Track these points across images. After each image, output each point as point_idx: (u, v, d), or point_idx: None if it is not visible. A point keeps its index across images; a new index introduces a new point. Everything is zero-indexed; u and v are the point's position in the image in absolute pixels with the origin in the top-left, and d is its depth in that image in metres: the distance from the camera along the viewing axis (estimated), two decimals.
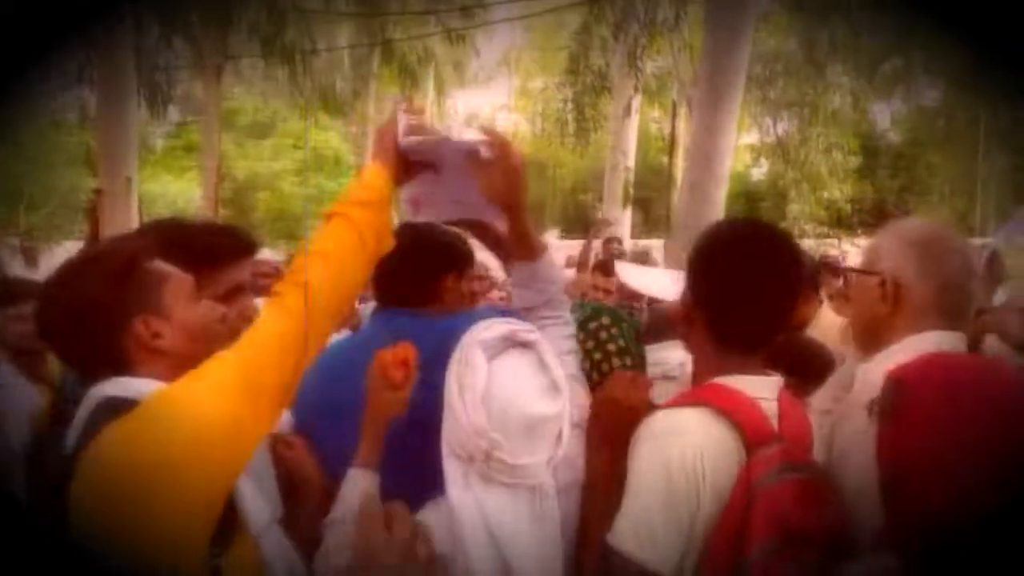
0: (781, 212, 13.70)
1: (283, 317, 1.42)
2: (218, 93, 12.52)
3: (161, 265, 1.46)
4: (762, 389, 1.54)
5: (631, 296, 3.84)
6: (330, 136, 24.67)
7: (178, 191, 25.19)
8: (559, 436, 1.44)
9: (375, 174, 1.64)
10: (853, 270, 1.77)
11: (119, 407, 1.29)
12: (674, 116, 11.90)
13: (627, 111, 11.24)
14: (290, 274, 1.48)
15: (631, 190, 11.58)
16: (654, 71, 12.57)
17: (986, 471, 1.20)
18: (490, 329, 1.47)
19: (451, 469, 1.42)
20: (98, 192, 6.93)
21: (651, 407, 1.58)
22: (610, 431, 1.59)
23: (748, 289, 1.52)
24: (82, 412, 1.35)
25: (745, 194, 20.71)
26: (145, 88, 10.65)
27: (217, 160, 12.33)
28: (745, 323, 1.55)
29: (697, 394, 1.53)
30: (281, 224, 23.69)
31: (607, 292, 4.76)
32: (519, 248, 1.75)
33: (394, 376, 1.58)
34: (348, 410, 1.67)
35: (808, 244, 13.37)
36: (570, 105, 10.72)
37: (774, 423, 1.50)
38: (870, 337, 1.67)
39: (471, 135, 1.63)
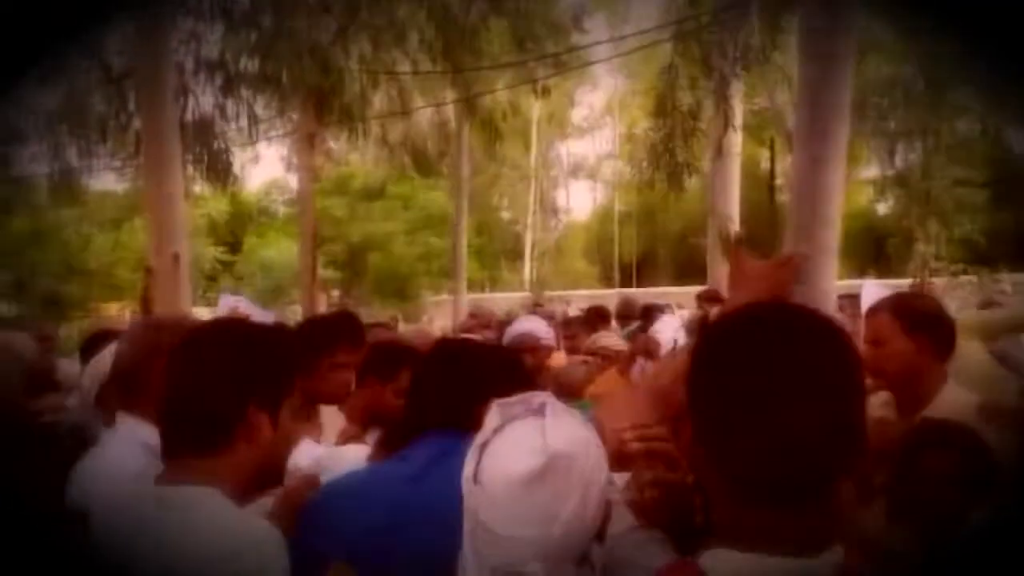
0: (908, 250, 12.54)
1: None
2: (311, 160, 12.80)
3: None
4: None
5: None
6: (438, 195, 25.10)
7: (295, 256, 26.28)
8: (562, 526, 1.09)
9: None
10: None
11: None
12: (773, 154, 11.10)
13: (719, 151, 10.53)
14: None
15: (731, 235, 10.79)
16: (752, 107, 11.87)
17: None
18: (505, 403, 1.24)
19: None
20: (148, 270, 6.98)
21: None
22: None
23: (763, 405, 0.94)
24: None
25: (868, 230, 19.36)
26: (205, 159, 10.95)
27: (313, 225, 12.53)
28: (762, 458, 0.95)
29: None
30: (391, 283, 24.21)
31: None
32: None
33: None
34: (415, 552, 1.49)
35: (940, 283, 12.12)
36: (662, 149, 10.17)
37: None
38: None
39: None
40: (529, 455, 1.11)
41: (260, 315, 4.29)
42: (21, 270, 18.98)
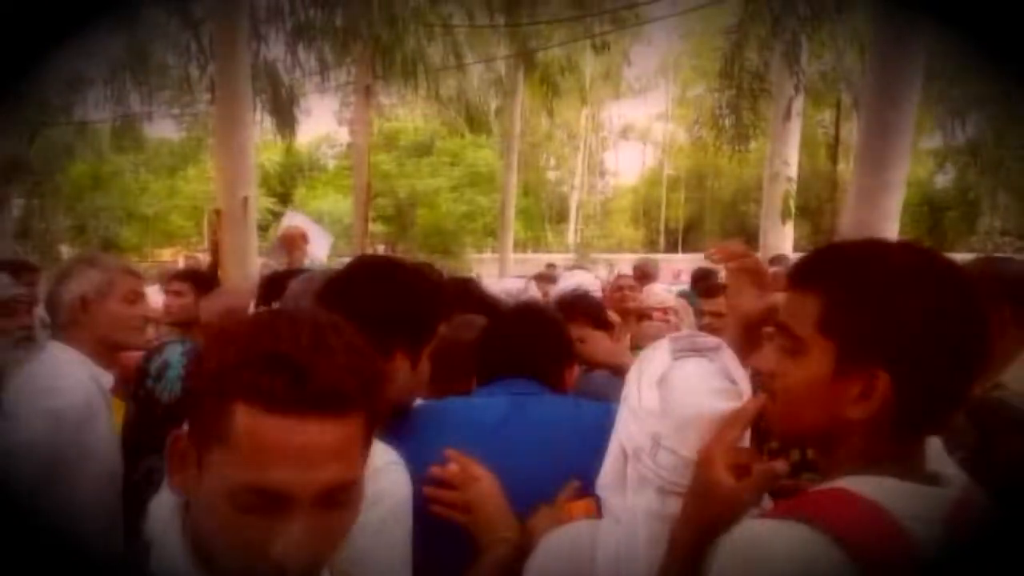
0: (970, 224, 12.14)
1: None
2: (367, 113, 12.82)
3: None
4: (916, 504, 0.99)
5: None
6: (486, 153, 25.02)
7: (344, 209, 26.51)
8: None
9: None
10: None
11: None
12: (838, 118, 10.79)
13: (787, 114, 10.24)
14: None
15: (791, 201, 10.57)
16: (819, 69, 11.50)
17: None
18: (676, 338, 1.41)
19: (609, 472, 1.35)
20: (218, 212, 7.12)
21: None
22: (699, 510, 1.19)
23: (953, 338, 1.01)
24: None
25: (928, 203, 18.81)
26: (271, 108, 11.05)
27: (367, 178, 12.59)
28: (943, 391, 1.03)
29: (803, 505, 1.01)
30: (437, 239, 24.33)
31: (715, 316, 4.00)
32: None
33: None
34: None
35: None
36: (726, 110, 9.97)
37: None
38: None
39: None
40: (720, 395, 1.26)
41: (321, 233, 4.55)
42: (83, 214, 19.54)
